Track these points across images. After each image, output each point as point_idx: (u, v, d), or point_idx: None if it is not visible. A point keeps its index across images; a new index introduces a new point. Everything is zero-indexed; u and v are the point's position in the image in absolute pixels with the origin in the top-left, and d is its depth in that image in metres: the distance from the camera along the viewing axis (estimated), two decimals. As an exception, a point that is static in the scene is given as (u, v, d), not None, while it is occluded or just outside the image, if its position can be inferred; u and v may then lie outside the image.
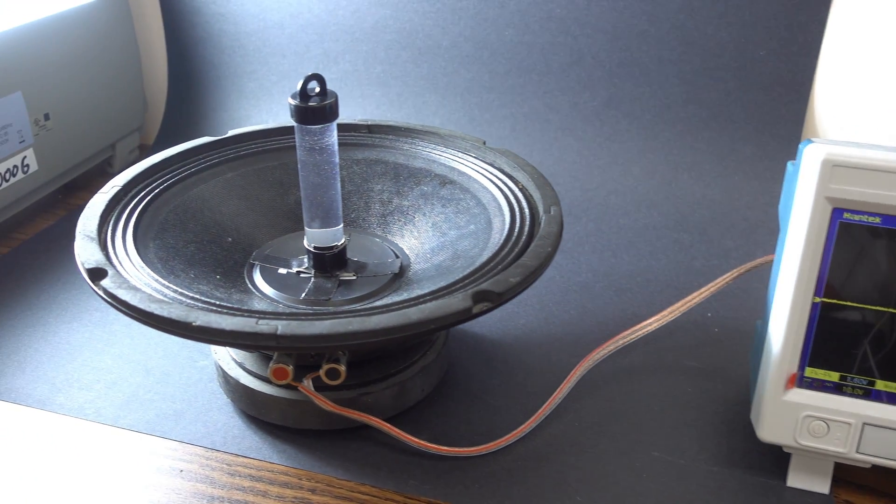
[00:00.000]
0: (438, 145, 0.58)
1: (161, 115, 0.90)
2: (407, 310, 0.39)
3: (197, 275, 0.47)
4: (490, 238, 0.48)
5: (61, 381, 0.52)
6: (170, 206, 0.51)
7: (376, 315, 0.38)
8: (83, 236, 0.44)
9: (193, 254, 0.49)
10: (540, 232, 0.46)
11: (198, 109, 0.89)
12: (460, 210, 0.54)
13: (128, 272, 0.43)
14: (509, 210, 0.50)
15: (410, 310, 0.39)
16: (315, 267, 0.51)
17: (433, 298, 0.41)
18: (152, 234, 0.48)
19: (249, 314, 0.39)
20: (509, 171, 0.55)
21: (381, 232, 0.56)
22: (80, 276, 0.64)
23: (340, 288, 0.50)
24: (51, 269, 0.65)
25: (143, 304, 0.39)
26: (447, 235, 0.53)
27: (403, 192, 0.57)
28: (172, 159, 0.55)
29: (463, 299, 0.40)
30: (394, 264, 0.52)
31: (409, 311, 0.38)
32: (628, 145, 0.77)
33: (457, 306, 0.39)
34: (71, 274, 0.65)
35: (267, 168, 0.57)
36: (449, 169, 0.56)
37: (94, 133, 0.78)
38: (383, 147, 0.59)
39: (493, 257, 0.45)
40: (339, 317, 0.39)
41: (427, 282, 0.48)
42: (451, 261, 0.49)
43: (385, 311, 0.39)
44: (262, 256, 0.53)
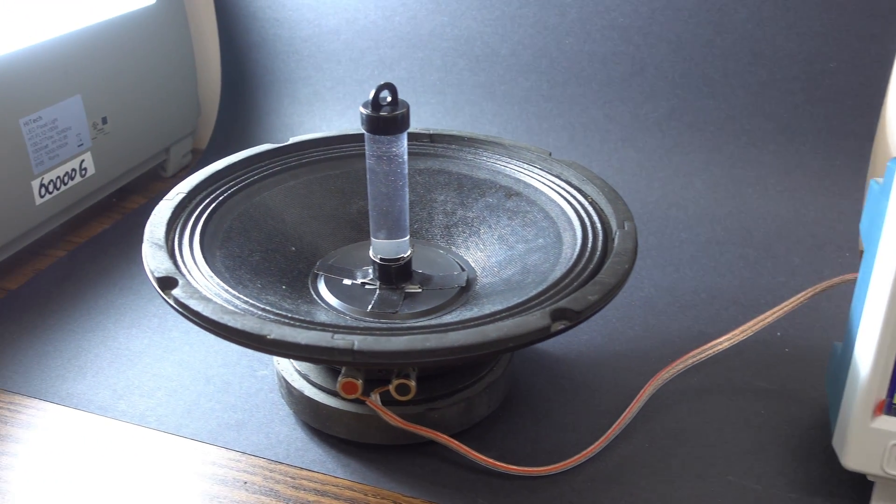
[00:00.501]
0: (503, 156, 0.57)
1: (213, 119, 0.90)
2: (484, 327, 0.37)
3: (264, 285, 0.46)
4: (561, 253, 0.47)
5: (122, 388, 0.52)
6: (234, 214, 0.51)
7: (453, 332, 0.37)
8: (151, 244, 0.44)
9: (258, 263, 0.49)
10: (615, 248, 0.45)
11: (250, 114, 0.88)
12: (527, 223, 0.52)
13: (197, 281, 0.42)
14: (580, 224, 0.48)
15: (488, 327, 0.37)
16: (380, 279, 0.50)
17: (509, 315, 0.40)
18: (218, 243, 0.47)
19: (324, 328, 0.38)
20: (577, 183, 0.53)
21: (445, 244, 0.55)
22: (137, 282, 0.64)
23: (406, 301, 0.49)
24: (108, 274, 0.65)
25: (216, 315, 0.38)
26: (514, 249, 0.51)
27: (468, 204, 0.56)
28: (235, 166, 0.54)
29: (541, 317, 0.38)
30: (460, 277, 0.51)
31: (487, 329, 0.37)
32: (691, 157, 0.75)
33: (535, 324, 0.38)
34: (128, 279, 0.65)
35: (329, 177, 0.57)
36: (514, 180, 0.55)
37: (150, 137, 0.78)
38: (446, 157, 0.58)
39: (567, 273, 0.43)
40: (415, 333, 0.38)
41: (496, 297, 0.47)
42: (521, 275, 0.48)
43: (461, 328, 0.38)
44: (327, 267, 0.52)
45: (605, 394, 0.53)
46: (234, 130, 0.88)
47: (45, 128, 0.63)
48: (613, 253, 0.44)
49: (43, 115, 0.62)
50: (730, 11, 0.70)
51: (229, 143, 0.87)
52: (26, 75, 0.61)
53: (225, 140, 0.88)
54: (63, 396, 0.51)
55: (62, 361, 0.54)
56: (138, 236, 0.72)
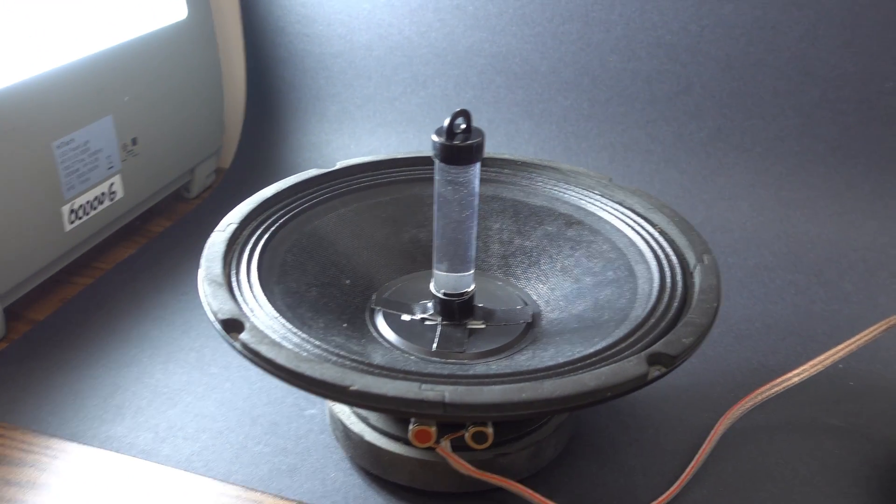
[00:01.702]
0: (559, 181, 0.55)
1: (237, 138, 0.87)
2: (581, 376, 0.35)
3: (326, 324, 0.44)
4: (637, 288, 0.45)
5: (164, 430, 0.49)
6: (287, 245, 0.48)
7: (549, 380, 0.35)
8: (210, 281, 0.41)
9: (316, 299, 0.46)
10: (700, 284, 0.42)
11: (276, 132, 0.86)
12: (592, 254, 0.50)
13: (263, 323, 0.39)
14: (654, 257, 0.46)
15: (585, 376, 0.35)
16: (441, 314, 0.47)
17: (600, 360, 0.37)
18: (275, 278, 0.45)
19: (408, 376, 0.35)
20: (643, 211, 0.51)
21: (502, 275, 0.53)
22: (169, 311, 0.61)
23: (471, 338, 0.46)
24: (138, 303, 0.62)
25: (292, 363, 0.35)
26: (582, 282, 0.49)
27: (525, 232, 0.53)
28: (283, 193, 0.52)
29: (637, 363, 0.36)
30: (524, 312, 0.48)
31: (585, 378, 0.35)
32: (736, 179, 0.73)
33: (632, 371, 0.35)
34: (159, 308, 0.62)
35: (379, 203, 0.54)
36: (574, 208, 0.53)
37: (177, 157, 0.75)
38: (499, 182, 0.56)
39: (651, 313, 0.41)
40: (506, 381, 0.35)
41: (571, 335, 0.44)
42: (595, 312, 0.45)
43: (554, 375, 0.36)
44: (383, 301, 0.49)
45: (670, 432, 0.50)
46: (258, 149, 0.86)
47: (77, 150, 0.60)
48: (699, 290, 0.42)
49: (76, 138, 0.60)
50: (784, 29, 0.68)
51: (254, 163, 0.85)
52: (59, 96, 0.58)
53: (249, 159, 0.85)
54: (103, 440, 0.48)
55: (99, 401, 0.52)
56: (165, 261, 0.69)
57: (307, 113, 0.85)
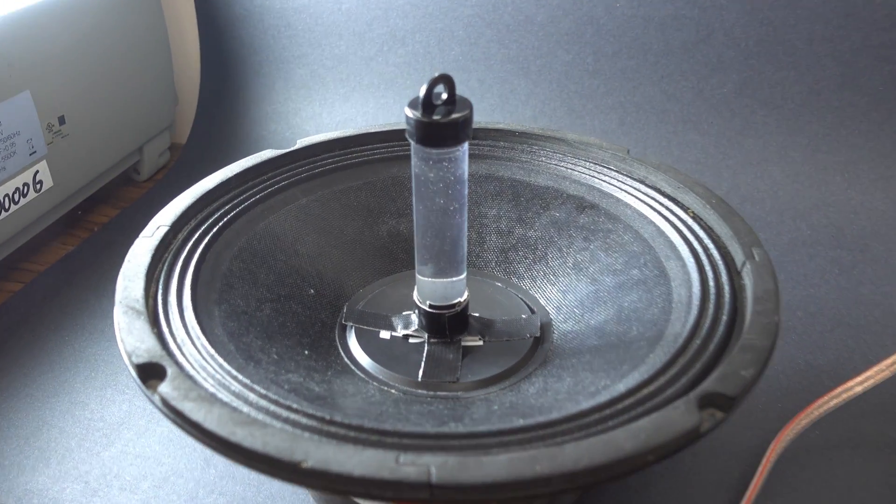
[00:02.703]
0: (567, 156, 0.45)
1: (193, 110, 0.77)
2: (614, 435, 0.26)
3: (281, 354, 0.34)
4: (671, 293, 0.36)
5: (97, 478, 0.40)
6: (233, 250, 0.38)
7: (570, 443, 0.26)
8: (126, 309, 0.32)
9: (270, 318, 0.37)
10: (752, 288, 0.33)
11: (237, 102, 0.76)
12: (611, 246, 0.41)
13: (193, 364, 0.30)
14: (690, 251, 0.37)
15: (619, 434, 0.26)
16: (428, 329, 0.38)
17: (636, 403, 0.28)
18: (216, 295, 0.35)
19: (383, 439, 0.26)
20: (671, 191, 0.41)
21: (502, 274, 0.43)
22: (112, 323, 0.52)
23: (466, 359, 0.37)
24: (73, 313, 0.53)
25: (225, 428, 0.26)
26: (600, 283, 0.40)
27: (527, 220, 0.44)
28: (230, 183, 0.42)
29: (686, 411, 0.27)
30: (531, 323, 0.39)
31: (618, 438, 0.26)
32: (766, 141, 0.64)
33: (680, 423, 0.26)
34: (100, 318, 0.52)
35: (349, 190, 0.44)
36: (586, 188, 0.43)
37: (119, 136, 0.65)
38: (494, 158, 0.46)
39: (696, 330, 0.32)
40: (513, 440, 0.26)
41: (590, 356, 0.35)
42: (619, 325, 0.36)
43: (576, 430, 0.27)
44: (356, 315, 0.40)
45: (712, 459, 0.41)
46: (217, 122, 0.75)
47: (-15, 136, 0.50)
48: (752, 298, 0.32)
49: (-20, 121, 0.50)
50: (823, -36, 0.58)
51: (213, 137, 0.75)
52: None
53: (208, 133, 0.75)
54: (20, 495, 0.39)
55: (18, 443, 0.42)
56: (109, 259, 0.59)
57: (271, 78, 0.74)
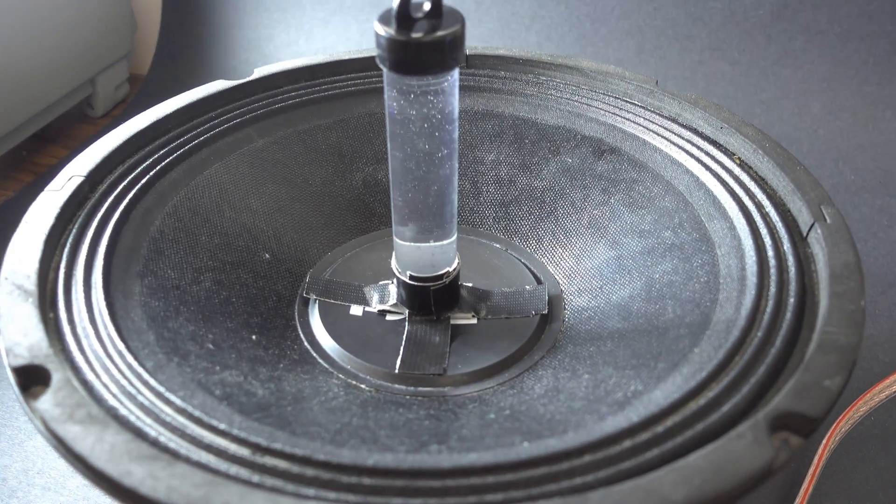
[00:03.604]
0: (581, 88, 0.37)
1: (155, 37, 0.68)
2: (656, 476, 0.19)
3: (220, 341, 0.27)
4: (716, 262, 0.28)
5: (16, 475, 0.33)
6: (167, 206, 0.31)
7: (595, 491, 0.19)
8: (12, 288, 0.24)
9: (210, 293, 0.29)
10: (826, 261, 0.25)
11: (203, 27, 0.67)
12: (637, 200, 0.33)
13: (93, 365, 0.23)
14: (739, 209, 0.29)
15: (663, 477, 0.19)
16: (409, 304, 0.31)
17: (682, 425, 0.21)
18: (139, 266, 0.28)
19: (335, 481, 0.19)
20: (710, 133, 0.34)
21: (502, 233, 0.36)
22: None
23: (456, 342, 0.30)
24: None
25: (118, 465, 0.19)
26: (623, 247, 0.32)
27: (533, 166, 0.36)
28: (167, 122, 0.34)
29: (755, 441, 0.20)
30: (537, 297, 0.32)
31: (663, 483, 0.19)
32: (806, 71, 0.55)
33: (748, 461, 0.19)
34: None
35: (317, 130, 0.37)
36: (605, 128, 0.35)
37: (66, 66, 0.57)
38: (493, 91, 0.38)
39: (755, 317, 0.24)
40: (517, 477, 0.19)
41: (613, 344, 0.28)
42: (649, 302, 0.29)
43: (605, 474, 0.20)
44: (321, 285, 0.33)
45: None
46: (182, 50, 0.67)
47: None
48: (827, 274, 0.25)
49: None
50: None
51: (177, 68, 0.66)
52: None
53: (171, 63, 0.67)
54: (-82, 500, 0.33)
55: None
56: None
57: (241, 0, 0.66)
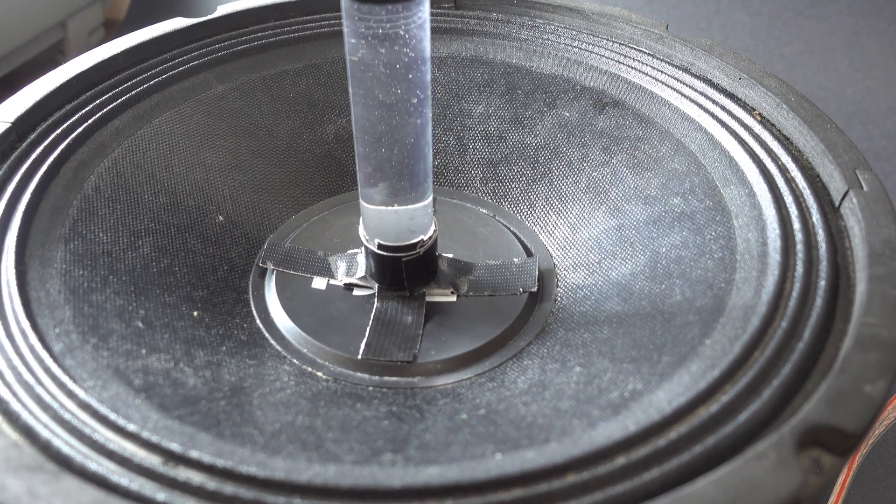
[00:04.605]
0: (582, 32, 0.33)
1: (134, -23, 0.64)
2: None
3: (152, 319, 0.23)
4: (732, 235, 0.24)
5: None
6: (105, 161, 0.27)
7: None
8: None
9: (148, 261, 0.26)
10: (865, 237, 0.22)
11: (185, -32, 0.62)
12: (642, 161, 0.29)
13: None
14: (760, 173, 0.25)
15: None
16: (378, 278, 0.27)
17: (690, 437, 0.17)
18: (65, 229, 0.24)
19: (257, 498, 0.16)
20: (727, 85, 0.29)
21: (489, 197, 0.32)
22: None
23: (430, 323, 0.26)
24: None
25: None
26: (625, 215, 0.28)
27: (526, 121, 0.32)
28: (114, 63, 0.30)
29: (780, 463, 0.16)
30: (526, 271, 0.28)
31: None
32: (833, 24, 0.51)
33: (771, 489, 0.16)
34: None
35: (285, 75, 0.33)
36: (608, 77, 0.31)
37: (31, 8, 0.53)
38: (482, 34, 0.34)
39: (778, 302, 0.21)
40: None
41: (610, 330, 0.24)
42: (654, 282, 0.25)
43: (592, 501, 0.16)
44: (281, 254, 0.29)
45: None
46: (162, -8, 0.63)
47: None
48: (865, 252, 0.21)
49: None
50: None
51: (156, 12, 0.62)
52: None
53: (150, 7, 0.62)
54: None
55: None
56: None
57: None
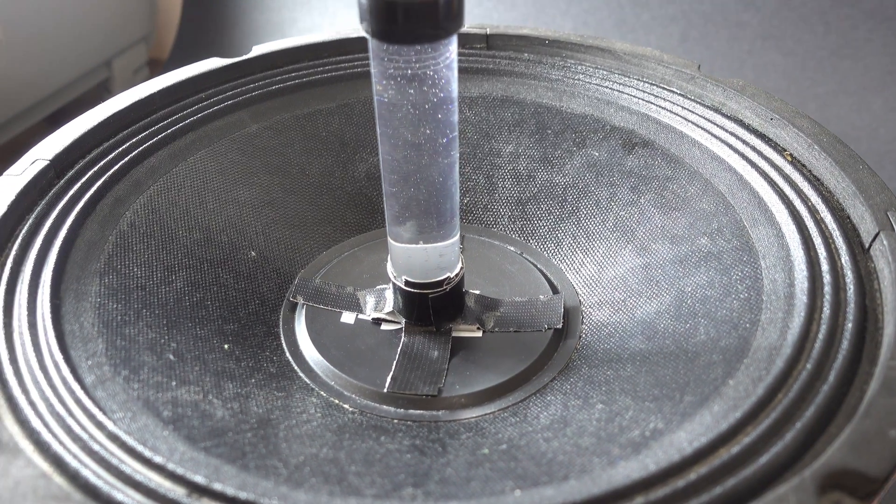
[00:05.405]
0: (613, 73, 0.33)
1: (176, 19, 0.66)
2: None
3: (183, 352, 0.24)
4: (759, 276, 0.24)
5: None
6: (141, 197, 0.28)
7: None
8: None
9: (181, 295, 0.26)
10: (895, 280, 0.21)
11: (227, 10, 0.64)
12: (670, 201, 0.29)
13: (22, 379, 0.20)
14: (789, 214, 0.25)
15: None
16: (406, 313, 0.27)
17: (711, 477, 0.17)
18: (100, 263, 0.25)
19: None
20: (757, 124, 0.29)
21: (517, 234, 0.32)
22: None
23: (456, 358, 0.26)
24: None
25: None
26: (652, 254, 0.28)
27: (555, 160, 0.32)
28: (152, 102, 0.31)
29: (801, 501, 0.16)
30: (552, 308, 0.28)
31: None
32: (868, 63, 0.50)
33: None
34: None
35: (318, 114, 0.33)
36: (638, 118, 0.31)
37: (78, 47, 0.54)
38: (513, 74, 0.34)
39: (804, 344, 0.20)
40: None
41: (634, 368, 0.24)
42: (679, 321, 0.25)
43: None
44: (311, 290, 0.29)
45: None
46: (204, 33, 0.64)
47: None
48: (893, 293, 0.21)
49: None
50: None
51: (198, 52, 0.64)
52: None
53: (193, 47, 0.64)
54: None
55: None
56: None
57: (265, -18, 0.63)
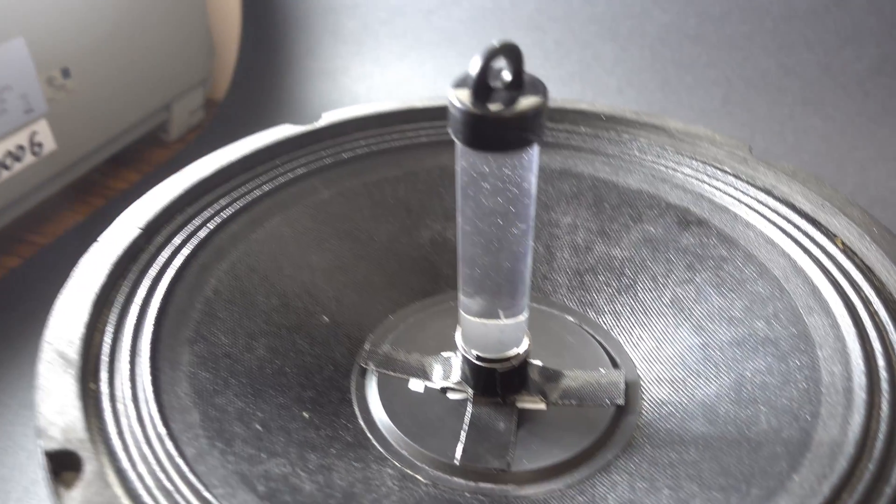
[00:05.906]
0: (667, 149, 0.35)
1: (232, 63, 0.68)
2: None
3: (268, 421, 0.25)
4: (817, 366, 0.25)
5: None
6: (224, 264, 0.29)
7: None
8: (53, 356, 0.23)
9: (263, 363, 0.28)
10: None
11: (281, 56, 0.66)
12: (726, 281, 0.30)
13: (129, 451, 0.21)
14: (843, 303, 0.26)
15: None
16: (474, 385, 0.29)
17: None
18: (189, 332, 0.27)
19: None
20: (810, 210, 0.31)
21: (575, 304, 0.34)
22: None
23: (522, 429, 0.28)
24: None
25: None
26: (709, 334, 0.30)
27: (612, 234, 0.34)
28: (231, 170, 0.33)
29: None
30: (613, 383, 0.29)
31: None
32: (910, 131, 0.52)
33: None
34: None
35: (385, 182, 0.35)
36: (692, 196, 0.33)
37: (140, 91, 0.57)
38: (571, 148, 0.36)
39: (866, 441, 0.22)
40: None
41: (697, 454, 0.25)
42: (740, 406, 0.26)
43: None
44: (381, 357, 0.31)
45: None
46: (259, 78, 0.67)
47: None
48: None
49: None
50: None
51: (253, 95, 0.66)
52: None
53: (248, 91, 0.66)
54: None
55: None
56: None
57: (319, 30, 0.65)
